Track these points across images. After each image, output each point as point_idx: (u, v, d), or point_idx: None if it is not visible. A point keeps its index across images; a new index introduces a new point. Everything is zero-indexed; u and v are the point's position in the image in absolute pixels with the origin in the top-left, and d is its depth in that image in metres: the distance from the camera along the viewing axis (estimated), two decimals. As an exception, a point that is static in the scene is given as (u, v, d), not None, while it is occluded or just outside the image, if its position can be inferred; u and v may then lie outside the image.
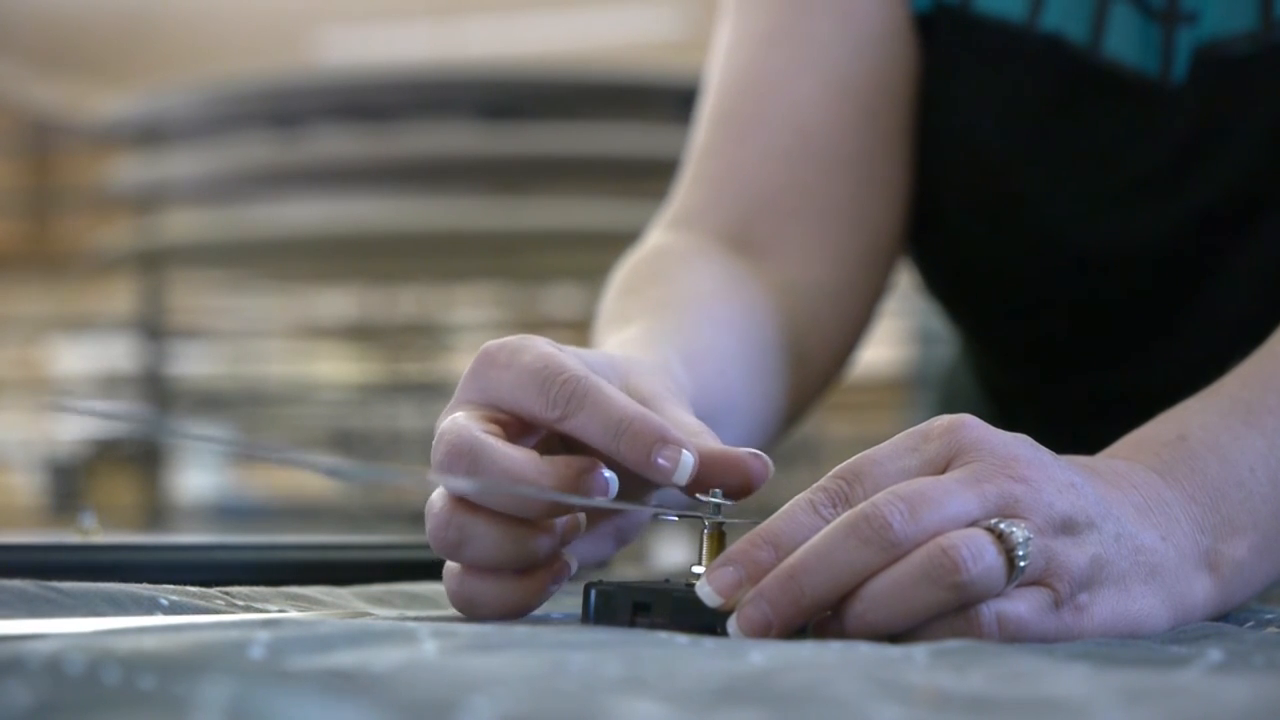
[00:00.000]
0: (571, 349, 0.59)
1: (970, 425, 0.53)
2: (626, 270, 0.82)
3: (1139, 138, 0.83)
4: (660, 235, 0.86)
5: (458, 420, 0.55)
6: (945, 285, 0.95)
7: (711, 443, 0.56)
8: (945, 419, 0.53)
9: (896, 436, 0.54)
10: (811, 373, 0.85)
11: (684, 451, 0.54)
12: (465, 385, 0.57)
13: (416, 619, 0.55)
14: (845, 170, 0.85)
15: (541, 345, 0.57)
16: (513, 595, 0.56)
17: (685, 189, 0.88)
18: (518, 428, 0.57)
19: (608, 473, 0.56)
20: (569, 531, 0.57)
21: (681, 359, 0.68)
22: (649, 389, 0.60)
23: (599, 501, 0.56)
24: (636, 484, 0.58)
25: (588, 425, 0.54)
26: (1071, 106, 0.84)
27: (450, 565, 0.57)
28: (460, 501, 0.55)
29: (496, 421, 0.56)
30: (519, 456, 0.54)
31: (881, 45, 0.85)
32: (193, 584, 0.58)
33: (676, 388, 0.63)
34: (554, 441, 0.58)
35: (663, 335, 0.71)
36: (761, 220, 0.85)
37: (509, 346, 0.57)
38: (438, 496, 0.56)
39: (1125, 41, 0.82)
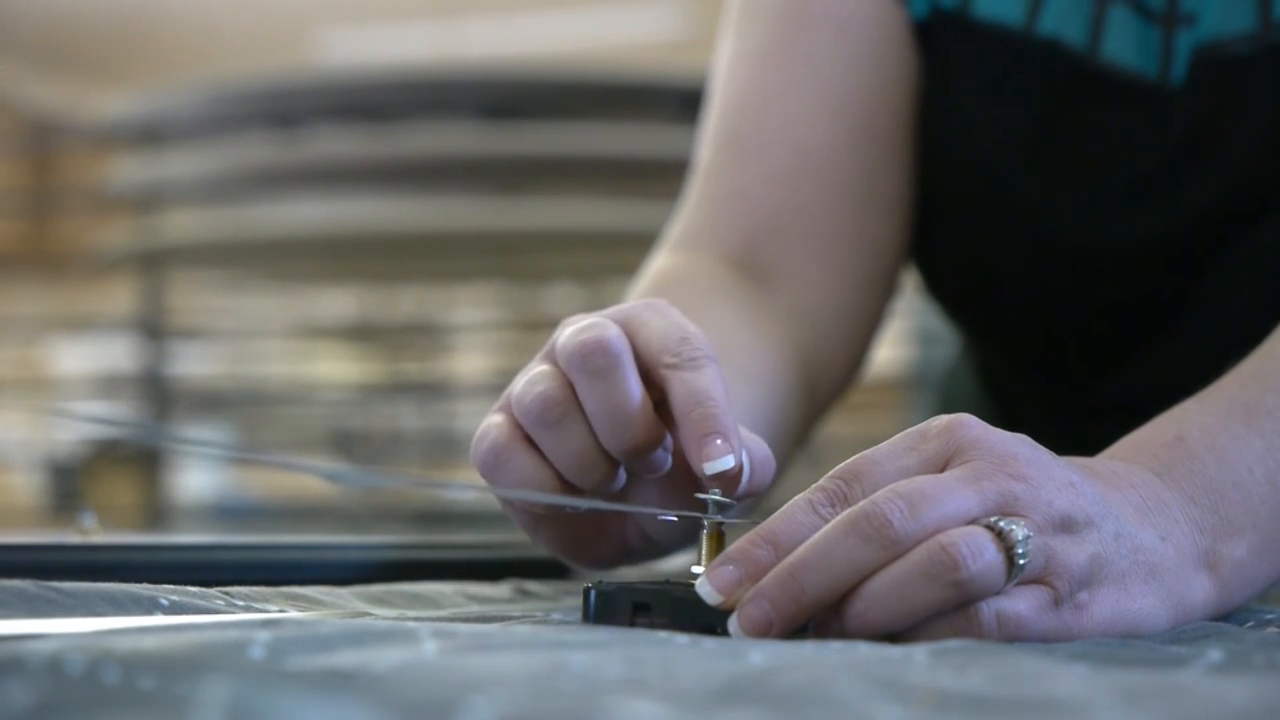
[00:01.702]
0: None
1: (969, 424, 0.53)
2: (642, 298, 0.82)
3: (1138, 140, 0.83)
4: (667, 258, 0.86)
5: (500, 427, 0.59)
6: (946, 288, 0.95)
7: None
8: (944, 418, 0.54)
9: (895, 436, 0.54)
10: (818, 397, 0.86)
11: (730, 456, 0.55)
12: (611, 311, 0.60)
13: (416, 619, 0.55)
14: (846, 190, 0.85)
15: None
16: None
17: (690, 210, 0.88)
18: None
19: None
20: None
21: None
22: None
23: (599, 504, 0.56)
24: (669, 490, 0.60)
25: (682, 386, 0.57)
26: (1070, 109, 0.84)
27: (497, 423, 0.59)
28: (522, 442, 0.58)
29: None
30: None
31: (880, 57, 0.85)
32: (193, 584, 0.58)
33: None
34: None
35: None
36: (765, 244, 0.85)
37: (661, 304, 0.61)
38: (494, 428, 0.59)
39: (1123, 44, 0.82)
